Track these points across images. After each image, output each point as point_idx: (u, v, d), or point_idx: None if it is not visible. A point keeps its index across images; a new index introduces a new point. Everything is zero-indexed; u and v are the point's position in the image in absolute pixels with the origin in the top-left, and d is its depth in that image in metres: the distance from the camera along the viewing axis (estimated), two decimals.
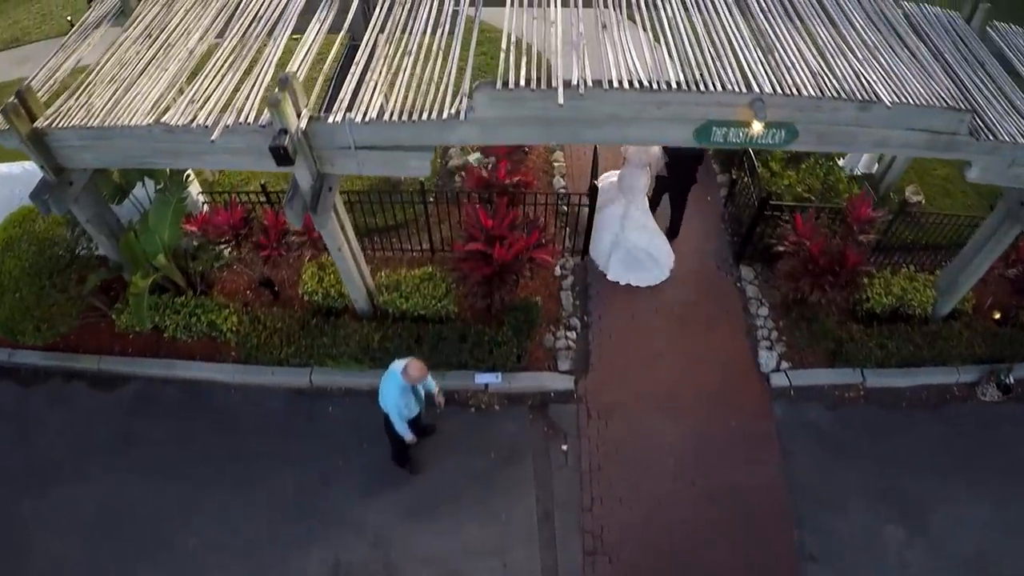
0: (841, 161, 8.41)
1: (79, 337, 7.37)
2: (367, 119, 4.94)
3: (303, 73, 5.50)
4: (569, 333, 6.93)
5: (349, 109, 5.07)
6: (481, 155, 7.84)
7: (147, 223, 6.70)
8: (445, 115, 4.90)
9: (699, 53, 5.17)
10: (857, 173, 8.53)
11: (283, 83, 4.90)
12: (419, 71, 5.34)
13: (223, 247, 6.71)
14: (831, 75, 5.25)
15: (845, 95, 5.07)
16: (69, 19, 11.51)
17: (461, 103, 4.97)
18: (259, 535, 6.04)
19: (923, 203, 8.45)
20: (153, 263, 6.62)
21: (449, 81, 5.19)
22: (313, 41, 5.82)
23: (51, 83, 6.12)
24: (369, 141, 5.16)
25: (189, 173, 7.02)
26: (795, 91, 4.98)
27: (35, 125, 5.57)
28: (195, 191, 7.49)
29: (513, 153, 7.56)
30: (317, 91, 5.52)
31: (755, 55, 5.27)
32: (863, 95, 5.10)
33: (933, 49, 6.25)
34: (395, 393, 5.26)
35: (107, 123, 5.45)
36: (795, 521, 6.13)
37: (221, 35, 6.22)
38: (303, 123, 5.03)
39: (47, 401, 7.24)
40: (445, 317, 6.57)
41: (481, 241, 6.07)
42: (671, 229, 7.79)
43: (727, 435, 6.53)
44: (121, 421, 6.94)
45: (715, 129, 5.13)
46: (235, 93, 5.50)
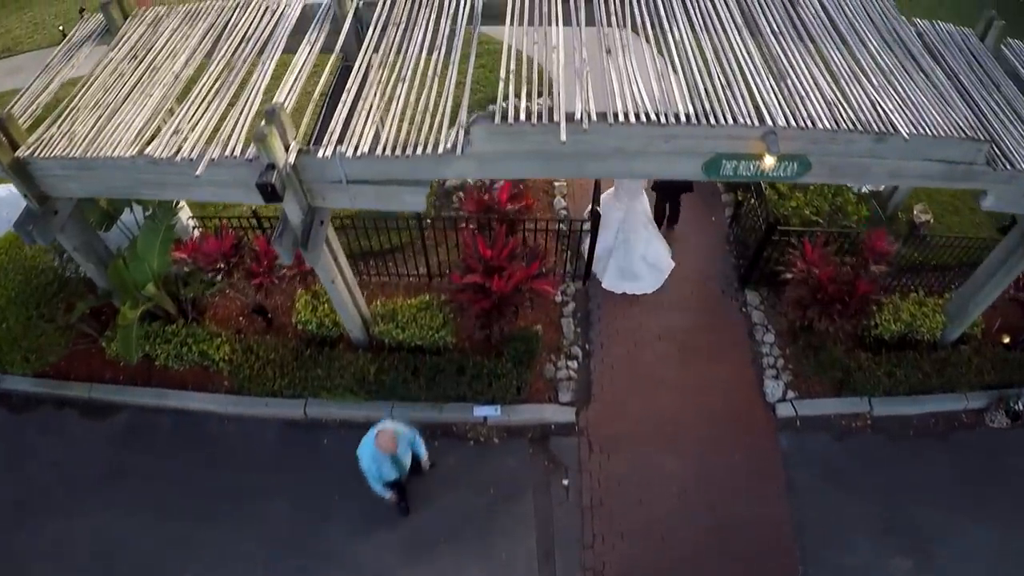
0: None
1: (69, 363, 7.07)
2: (359, 153, 4.59)
3: (292, 100, 5.15)
4: (570, 362, 6.62)
5: (340, 142, 4.73)
6: None
7: (136, 251, 6.38)
8: (441, 150, 4.55)
9: (708, 81, 4.81)
10: (865, 191, 8.19)
11: (269, 115, 4.56)
12: (414, 98, 4.99)
13: (214, 275, 6.38)
14: (846, 104, 4.90)
15: (861, 127, 4.73)
16: (61, 29, 11.10)
17: (458, 136, 4.63)
18: (253, 574, 5.76)
19: (931, 222, 8.11)
20: (143, 293, 6.29)
21: (446, 110, 4.84)
22: (303, 66, 5.45)
23: (34, 107, 5.79)
24: (361, 175, 4.82)
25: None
26: (809, 123, 4.64)
27: (17, 155, 5.23)
28: (185, 216, 7.15)
29: None
30: (307, 118, 5.16)
31: (767, 82, 4.92)
32: (879, 126, 4.77)
33: (948, 70, 5.90)
34: (367, 457, 4.93)
35: (90, 153, 5.13)
36: (800, 556, 5.87)
37: (209, 55, 5.87)
38: (291, 157, 4.69)
39: (39, 429, 6.96)
40: (443, 348, 6.25)
41: (479, 272, 5.74)
42: (671, 217, 7.78)
43: (731, 468, 6.25)
44: (113, 451, 6.66)
45: (725, 162, 4.79)
46: (222, 122, 5.15)
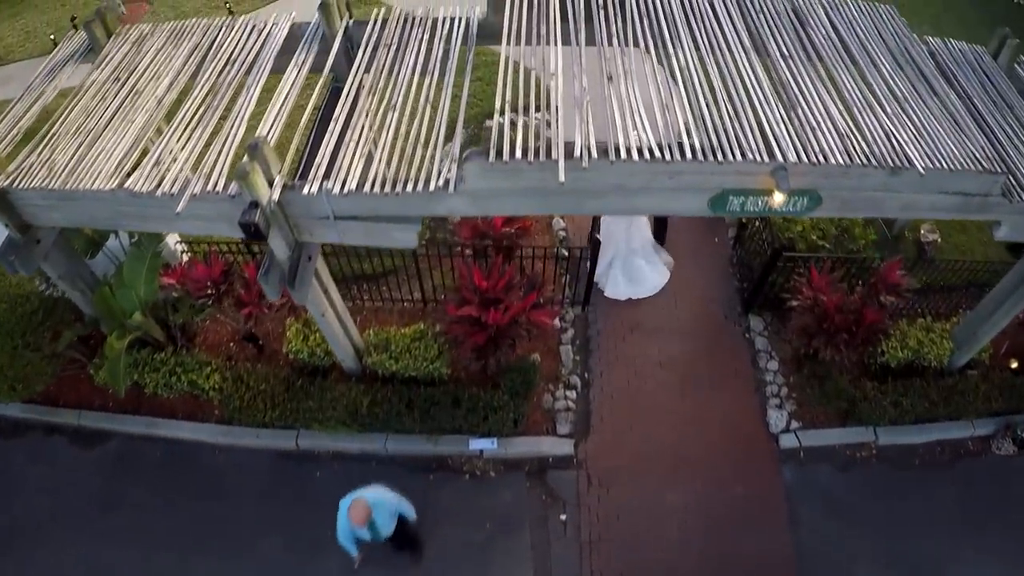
0: None
1: (58, 388, 6.80)
2: (346, 190, 4.27)
3: (278, 129, 4.82)
4: (569, 392, 6.32)
5: (327, 176, 4.40)
6: None
7: (122, 278, 6.07)
8: (432, 187, 4.23)
9: (716, 111, 4.47)
10: None
11: (252, 150, 4.23)
12: (404, 129, 4.66)
13: (203, 301, 6.07)
14: (859, 136, 4.56)
15: (875, 161, 4.40)
16: (52, 38, 10.72)
17: (450, 171, 4.30)
18: None
19: (939, 241, 7.77)
20: (130, 322, 5.99)
21: (438, 142, 4.51)
22: (290, 90, 5.11)
23: (15, 132, 5.47)
24: (350, 211, 4.50)
25: None
26: (821, 158, 4.31)
27: None
28: (172, 240, 6.83)
29: None
30: (295, 145, 4.82)
31: (777, 112, 4.58)
32: (894, 159, 4.44)
33: (961, 92, 5.55)
34: (343, 523, 4.60)
35: (69, 184, 4.83)
36: None
37: (194, 77, 5.53)
38: (276, 194, 4.36)
39: (28, 456, 6.71)
40: (438, 379, 5.95)
41: (475, 304, 5.43)
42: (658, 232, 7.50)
43: (733, 501, 5.98)
44: (103, 480, 6.41)
45: (732, 198, 4.47)
46: (205, 152, 4.83)
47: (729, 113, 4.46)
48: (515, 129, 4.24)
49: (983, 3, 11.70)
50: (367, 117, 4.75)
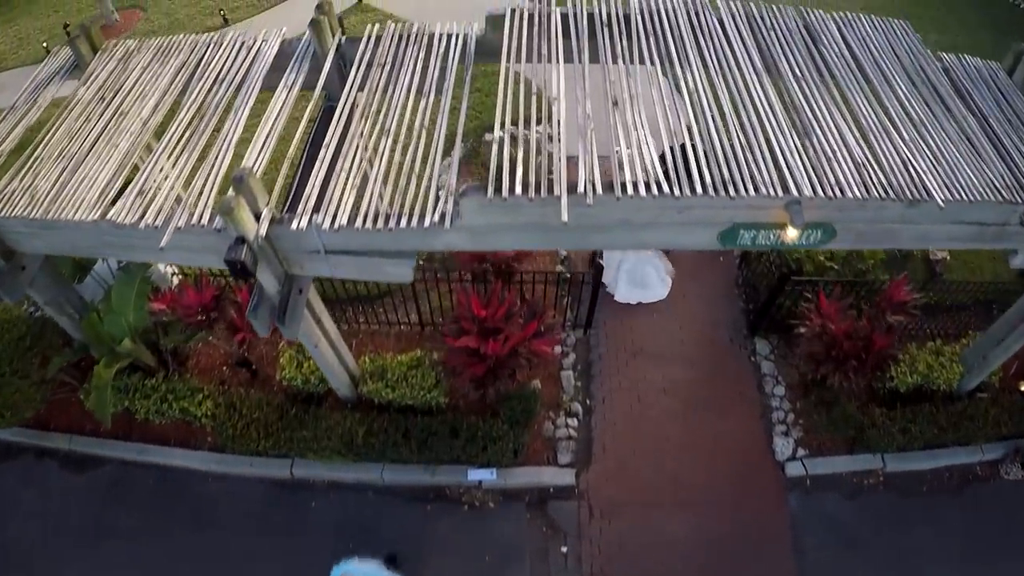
0: None
1: (49, 411, 6.55)
2: (336, 225, 3.97)
3: (267, 154, 4.51)
4: (570, 420, 6.06)
5: (317, 209, 4.10)
6: None
7: (110, 304, 5.79)
8: (428, 222, 3.93)
9: (727, 140, 4.16)
10: None
11: (237, 183, 3.93)
12: (399, 157, 4.35)
13: (194, 328, 5.79)
14: (876, 165, 4.26)
15: (893, 192, 4.11)
16: (45, 45, 10.39)
17: (447, 203, 4.00)
18: None
19: (947, 259, 7.48)
20: (119, 349, 5.71)
21: (434, 173, 4.20)
22: (279, 113, 4.80)
23: None
24: (341, 246, 4.21)
25: None
26: (837, 191, 4.01)
27: None
28: (162, 264, 6.53)
29: None
30: (284, 175, 4.51)
31: (790, 141, 4.27)
32: (912, 191, 4.14)
33: (977, 113, 5.23)
34: None
35: (51, 213, 4.56)
36: None
37: (181, 96, 5.21)
38: (263, 229, 4.07)
39: (19, 479, 6.46)
40: (435, 408, 5.68)
41: (473, 333, 5.15)
42: None
43: (739, 532, 5.73)
44: (96, 506, 6.17)
45: (743, 232, 4.19)
46: (191, 179, 4.53)
47: (741, 142, 4.16)
48: (515, 145, 3.95)
49: (984, 6, 11.36)
50: (359, 143, 4.45)
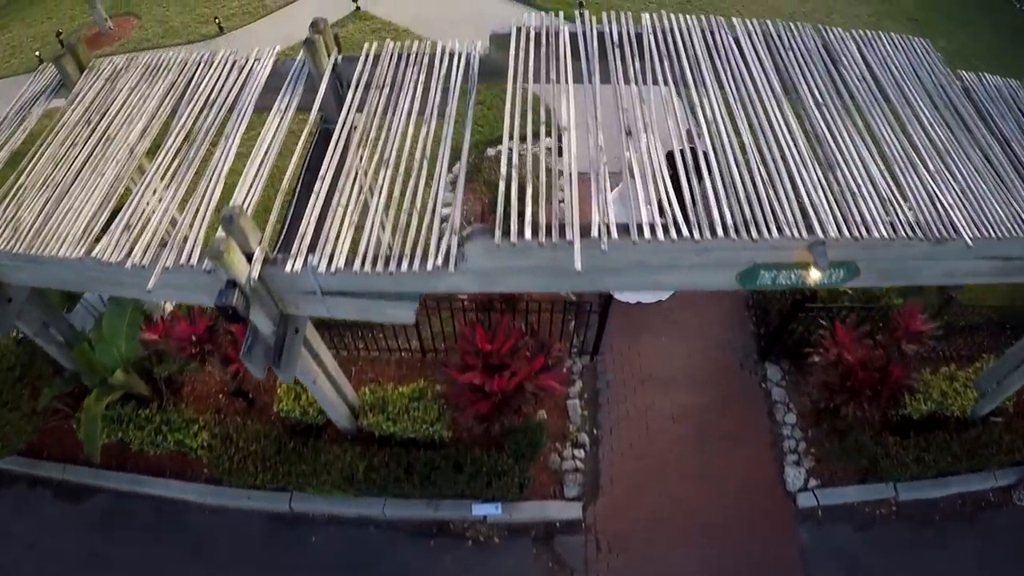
0: None
1: (42, 439, 6.24)
2: (333, 268, 3.66)
3: (259, 186, 4.18)
4: (577, 451, 5.78)
5: (312, 249, 3.79)
6: None
7: (102, 333, 5.48)
8: (431, 265, 3.61)
9: (748, 176, 3.84)
10: None
11: (227, 223, 3.61)
12: (399, 191, 4.03)
13: (187, 360, 5.49)
14: (902, 201, 3.96)
15: (920, 231, 3.82)
16: (37, 54, 9.95)
17: (451, 241, 3.69)
18: None
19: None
20: (111, 381, 5.41)
21: (436, 209, 3.88)
22: (272, 140, 4.46)
23: None
24: (339, 287, 3.90)
25: None
26: (864, 231, 3.71)
27: None
28: None
29: None
30: (277, 207, 4.18)
31: (814, 175, 3.96)
32: (940, 229, 3.86)
33: (1000, 137, 4.91)
34: None
35: (35, 248, 4.26)
36: None
37: (170, 118, 4.88)
38: (255, 271, 3.75)
39: (12, 508, 6.19)
40: (438, 441, 5.40)
41: (478, 369, 4.85)
42: None
43: (749, 566, 5.48)
44: (90, 537, 5.91)
45: (763, 272, 3.89)
46: (181, 209, 4.20)
47: (763, 177, 3.84)
48: (524, 182, 3.64)
49: (990, 11, 11.04)
50: (356, 175, 4.13)
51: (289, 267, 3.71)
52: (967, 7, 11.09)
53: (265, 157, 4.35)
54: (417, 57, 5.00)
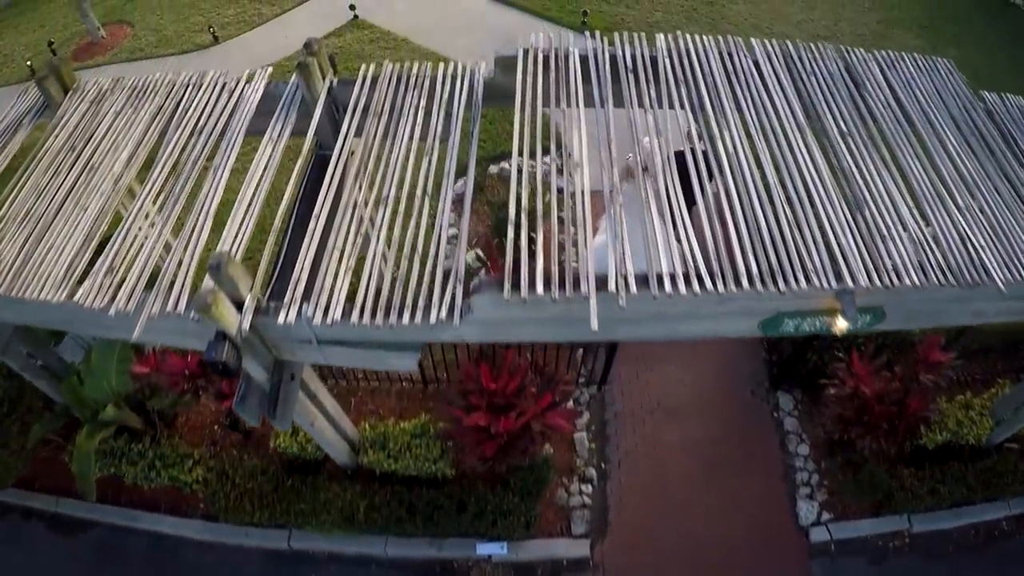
0: None
1: (35, 470, 5.94)
2: (329, 320, 3.35)
3: (251, 223, 3.85)
4: (584, 487, 5.51)
5: (307, 297, 3.48)
6: (479, 257, 6.16)
7: (91, 366, 5.17)
8: (434, 317, 3.31)
9: (774, 218, 3.53)
10: None
11: (214, 271, 3.29)
12: (398, 232, 3.72)
13: (179, 395, 5.19)
14: (933, 243, 3.66)
15: (952, 276, 3.54)
16: (29, 64, 9.54)
17: (456, 290, 3.39)
18: None
19: None
20: (102, 417, 5.11)
21: (439, 251, 3.57)
22: (264, 174, 4.13)
23: None
24: (336, 337, 3.60)
25: None
26: (894, 278, 3.41)
27: None
28: None
29: None
30: (269, 249, 3.85)
31: (842, 216, 3.66)
32: (971, 273, 3.58)
33: None
34: None
35: (16, 288, 3.98)
36: None
37: (157, 145, 4.54)
38: (246, 322, 3.44)
39: (5, 540, 5.91)
40: (441, 479, 5.12)
41: (482, 409, 4.56)
42: None
43: None
44: (85, 572, 5.63)
45: (787, 320, 3.59)
46: (168, 249, 3.89)
47: (788, 219, 3.54)
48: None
49: (998, 17, 10.69)
50: (352, 214, 3.80)
51: (282, 318, 3.40)
52: (976, 15, 10.73)
53: (257, 190, 4.02)
54: (418, 80, 4.66)
